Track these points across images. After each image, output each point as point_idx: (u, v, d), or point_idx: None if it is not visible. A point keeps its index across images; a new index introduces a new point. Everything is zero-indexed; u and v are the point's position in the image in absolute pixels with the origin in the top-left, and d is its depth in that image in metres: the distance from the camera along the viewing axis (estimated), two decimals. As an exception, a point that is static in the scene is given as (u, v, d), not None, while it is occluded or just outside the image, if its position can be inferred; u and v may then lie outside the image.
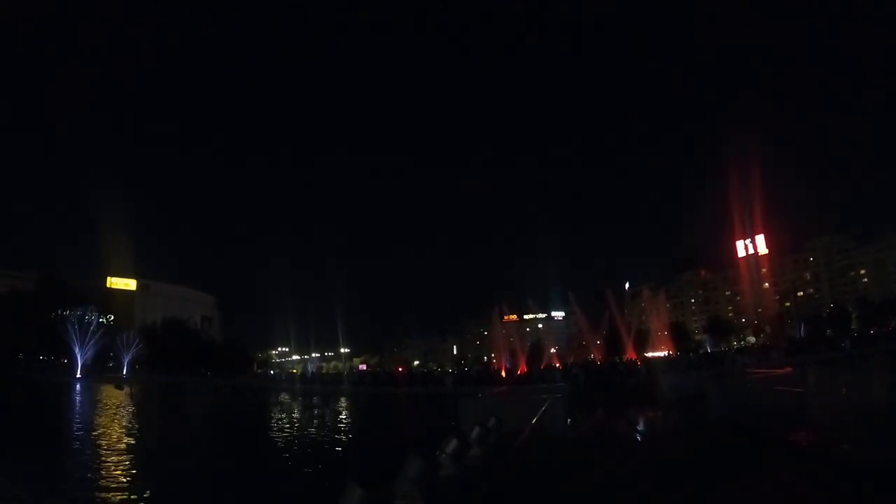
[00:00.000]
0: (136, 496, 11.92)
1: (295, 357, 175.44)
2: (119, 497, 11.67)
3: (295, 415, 35.53)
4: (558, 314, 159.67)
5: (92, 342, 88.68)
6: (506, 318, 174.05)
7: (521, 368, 61.65)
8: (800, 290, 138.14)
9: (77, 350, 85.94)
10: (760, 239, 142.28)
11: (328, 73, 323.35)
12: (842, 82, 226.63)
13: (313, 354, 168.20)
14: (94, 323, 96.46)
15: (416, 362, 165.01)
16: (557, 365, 64.97)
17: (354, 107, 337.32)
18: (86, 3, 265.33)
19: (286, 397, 53.52)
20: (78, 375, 78.96)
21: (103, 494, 11.88)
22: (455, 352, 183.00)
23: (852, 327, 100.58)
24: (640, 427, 15.82)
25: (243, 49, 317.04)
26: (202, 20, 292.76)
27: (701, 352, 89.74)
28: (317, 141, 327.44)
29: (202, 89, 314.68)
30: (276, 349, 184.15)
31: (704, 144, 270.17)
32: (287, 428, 27.09)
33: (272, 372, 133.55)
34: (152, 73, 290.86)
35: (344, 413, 36.86)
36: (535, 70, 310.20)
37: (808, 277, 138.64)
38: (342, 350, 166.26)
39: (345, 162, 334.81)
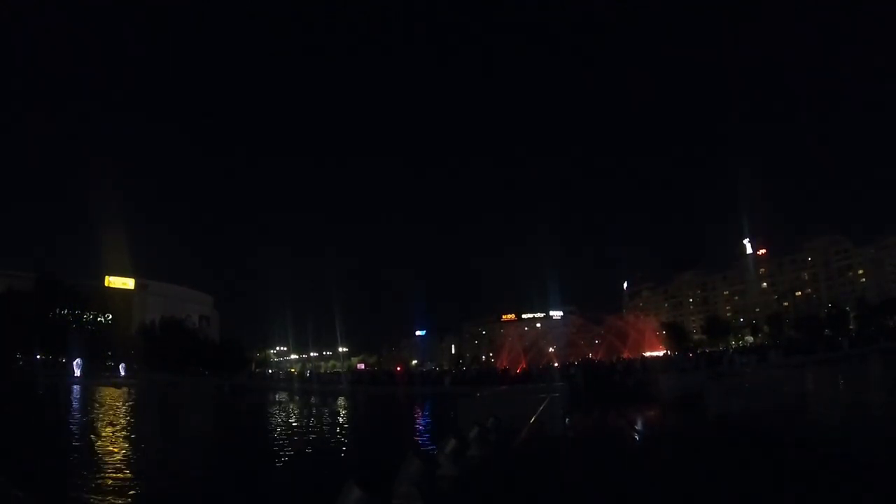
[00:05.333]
0: (134, 496, 11.88)
1: (293, 356, 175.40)
2: (118, 497, 11.63)
3: (292, 414, 35.47)
4: (557, 314, 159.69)
5: (90, 342, 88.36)
6: (504, 317, 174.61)
7: (520, 368, 61.55)
8: (798, 291, 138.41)
9: (75, 349, 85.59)
10: (759, 239, 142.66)
11: (329, 73, 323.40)
12: (841, 82, 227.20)
13: (311, 353, 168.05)
14: (92, 322, 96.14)
15: (415, 362, 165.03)
16: (556, 364, 64.96)
17: (355, 106, 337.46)
18: (86, 1, 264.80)
19: (284, 397, 53.46)
20: (76, 375, 78.63)
21: (102, 494, 11.84)
22: (453, 351, 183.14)
23: (850, 327, 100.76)
24: (639, 426, 15.80)
25: (242, 47, 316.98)
26: (202, 18, 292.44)
27: (699, 351, 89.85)
28: (316, 140, 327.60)
29: (202, 88, 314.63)
30: (274, 348, 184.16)
31: (704, 145, 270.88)
32: (284, 427, 27.04)
33: (270, 371, 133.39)
34: (151, 72, 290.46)
35: (342, 413, 36.80)
36: (537, 71, 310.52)
37: (807, 278, 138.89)
38: (340, 349, 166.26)
39: (344, 162, 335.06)
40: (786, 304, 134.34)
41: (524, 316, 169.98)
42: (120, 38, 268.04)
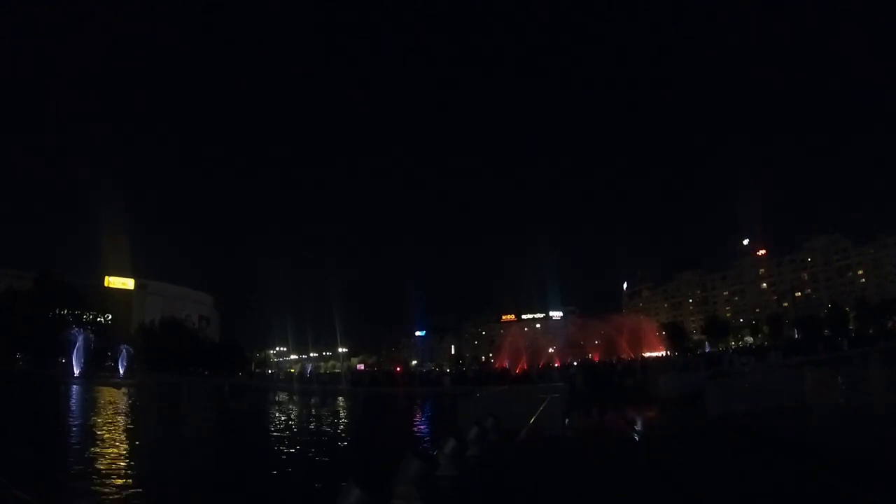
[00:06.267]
0: (133, 496, 11.89)
1: (293, 356, 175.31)
2: (117, 497, 11.64)
3: (292, 414, 35.47)
4: (556, 314, 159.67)
5: (89, 342, 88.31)
6: (504, 317, 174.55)
7: (519, 368, 61.54)
8: (798, 291, 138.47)
9: (75, 349, 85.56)
10: (758, 239, 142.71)
11: (328, 74, 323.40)
12: (840, 82, 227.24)
13: (311, 354, 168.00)
14: (92, 322, 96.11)
15: (414, 362, 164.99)
16: (557, 364, 64.99)
17: (354, 108, 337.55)
18: (87, 4, 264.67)
19: (284, 397, 53.45)
20: (76, 375, 78.60)
21: (101, 495, 11.84)
22: (453, 351, 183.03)
23: (850, 327, 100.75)
24: (638, 426, 15.81)
25: (241, 47, 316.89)
26: (202, 21, 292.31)
27: (699, 352, 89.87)
28: (315, 140, 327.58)
29: (201, 89, 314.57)
30: (273, 349, 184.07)
31: (703, 145, 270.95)
32: (284, 428, 27.05)
33: (269, 371, 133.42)
34: (151, 74, 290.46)
35: (342, 413, 36.81)
36: (535, 74, 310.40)
37: (806, 278, 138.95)
38: (340, 350, 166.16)
39: (344, 162, 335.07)
40: (786, 304, 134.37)
41: (524, 316, 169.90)
42: (121, 41, 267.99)
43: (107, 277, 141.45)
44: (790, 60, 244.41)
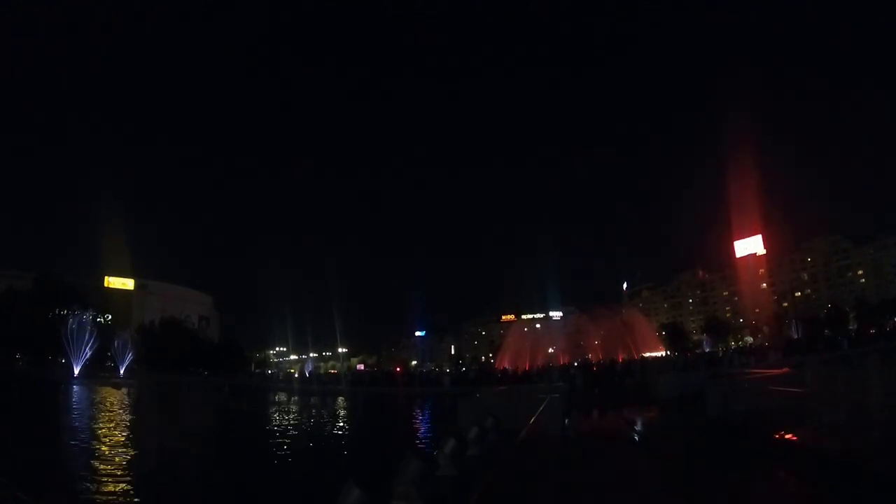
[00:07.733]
0: (133, 496, 11.89)
1: (293, 357, 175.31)
2: (117, 497, 11.64)
3: (292, 415, 35.49)
4: (556, 314, 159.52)
5: (89, 342, 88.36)
6: (504, 317, 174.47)
7: (519, 368, 61.56)
8: (798, 291, 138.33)
9: (75, 350, 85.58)
10: (758, 239, 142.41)
11: (329, 76, 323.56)
12: (841, 81, 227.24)
13: (311, 354, 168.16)
14: (92, 322, 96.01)
15: (414, 362, 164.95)
16: (561, 363, 65.05)
17: (352, 107, 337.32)
18: (88, 4, 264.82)
19: (284, 397, 53.46)
20: (75, 375, 78.65)
21: (102, 494, 11.85)
22: (453, 351, 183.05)
23: (850, 327, 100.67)
24: (638, 426, 15.80)
25: (242, 50, 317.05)
26: (203, 22, 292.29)
27: (698, 352, 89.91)
28: (316, 141, 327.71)
29: (202, 89, 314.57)
30: (273, 349, 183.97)
31: (702, 144, 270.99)
32: (284, 428, 27.06)
33: (269, 371, 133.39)
34: (151, 75, 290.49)
35: (342, 413, 36.82)
36: (533, 72, 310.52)
37: (806, 278, 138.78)
38: (340, 350, 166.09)
39: (343, 163, 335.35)
40: (786, 304, 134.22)
41: (524, 316, 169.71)
42: (121, 41, 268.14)
43: (107, 277, 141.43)
44: (789, 59, 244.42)
